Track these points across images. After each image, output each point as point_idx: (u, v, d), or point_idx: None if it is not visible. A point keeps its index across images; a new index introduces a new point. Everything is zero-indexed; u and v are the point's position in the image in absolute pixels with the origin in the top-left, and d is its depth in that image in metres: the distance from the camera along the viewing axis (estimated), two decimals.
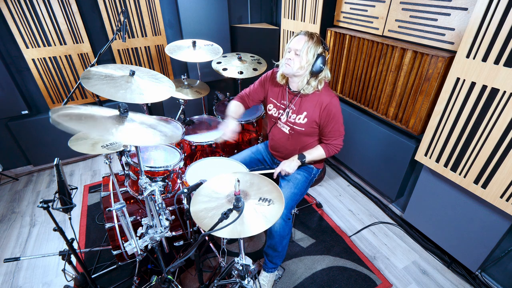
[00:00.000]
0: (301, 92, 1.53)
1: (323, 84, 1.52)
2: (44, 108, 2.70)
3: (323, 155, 1.61)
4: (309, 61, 1.43)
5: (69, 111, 1.04)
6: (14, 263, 1.94)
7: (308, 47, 1.41)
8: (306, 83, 1.48)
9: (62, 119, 0.94)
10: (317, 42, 1.43)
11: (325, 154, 1.61)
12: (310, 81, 1.48)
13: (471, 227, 1.67)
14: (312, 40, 1.42)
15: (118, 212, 1.35)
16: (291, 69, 1.46)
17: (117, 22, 2.56)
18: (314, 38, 1.43)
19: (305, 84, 1.49)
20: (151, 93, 1.41)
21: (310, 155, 1.61)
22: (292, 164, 1.60)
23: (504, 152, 1.38)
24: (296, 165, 1.61)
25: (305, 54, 1.42)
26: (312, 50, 1.42)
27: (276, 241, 1.59)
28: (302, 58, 1.43)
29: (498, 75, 1.32)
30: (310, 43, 1.41)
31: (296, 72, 1.46)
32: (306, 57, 1.42)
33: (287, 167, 1.59)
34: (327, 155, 1.61)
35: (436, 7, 1.62)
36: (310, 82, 1.48)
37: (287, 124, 1.63)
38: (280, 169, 1.61)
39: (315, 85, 1.49)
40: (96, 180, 2.70)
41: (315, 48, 1.42)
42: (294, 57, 1.44)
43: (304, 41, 1.42)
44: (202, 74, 2.79)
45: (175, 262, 1.04)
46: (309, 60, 1.43)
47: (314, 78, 1.48)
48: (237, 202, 1.03)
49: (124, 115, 1.15)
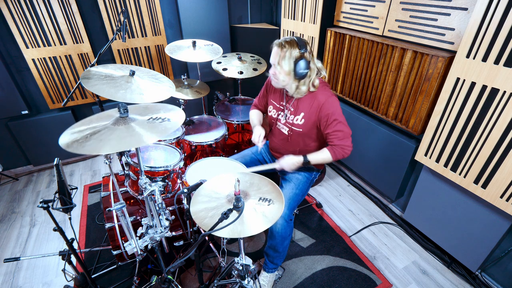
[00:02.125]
0: (294, 97, 1.53)
1: (318, 83, 1.50)
2: (44, 108, 2.70)
3: (329, 158, 1.52)
4: (288, 71, 1.42)
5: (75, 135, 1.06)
6: (14, 263, 1.94)
7: (281, 58, 1.41)
8: (296, 89, 1.49)
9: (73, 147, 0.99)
10: (290, 48, 1.39)
11: (331, 157, 1.51)
12: (299, 85, 1.47)
13: (471, 227, 1.67)
14: (283, 49, 1.40)
15: (118, 212, 1.35)
16: (277, 82, 1.50)
17: (117, 22, 2.56)
18: (286, 46, 1.39)
19: (294, 90, 1.49)
20: (151, 93, 1.41)
21: (315, 158, 1.55)
22: (292, 161, 1.56)
23: (504, 152, 1.38)
24: (296, 164, 1.57)
25: (281, 65, 1.42)
26: (287, 59, 1.40)
27: (277, 241, 1.58)
28: (280, 70, 1.43)
29: (498, 75, 1.32)
30: (283, 53, 1.40)
31: (282, 84, 1.49)
32: (283, 68, 1.42)
33: (286, 165, 1.57)
34: (334, 158, 1.51)
35: (436, 7, 1.62)
36: (299, 86, 1.47)
37: (286, 125, 1.63)
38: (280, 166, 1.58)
39: (305, 89, 1.48)
40: (96, 180, 2.70)
41: (290, 55, 1.39)
42: (275, 70, 1.45)
43: (277, 53, 1.42)
44: (202, 74, 2.79)
45: (175, 262, 1.04)
46: (287, 70, 1.42)
47: (302, 82, 1.46)
48: (237, 202, 1.03)
49: (124, 115, 1.15)
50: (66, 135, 1.06)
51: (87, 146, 0.99)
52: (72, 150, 0.97)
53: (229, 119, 2.32)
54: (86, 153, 0.97)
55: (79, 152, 0.96)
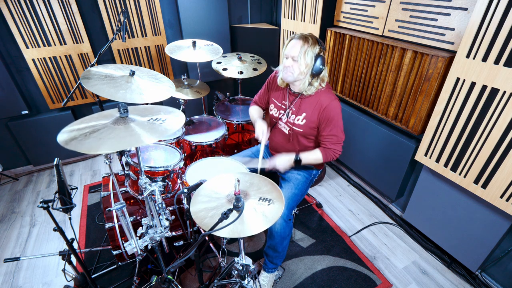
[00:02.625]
0: (303, 94, 1.52)
1: (325, 83, 1.51)
2: (44, 108, 2.70)
3: (320, 159, 1.56)
4: (308, 65, 1.42)
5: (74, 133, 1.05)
6: (14, 263, 1.94)
7: (305, 52, 1.40)
8: (308, 85, 1.48)
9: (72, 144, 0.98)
10: (313, 44, 1.40)
11: (322, 158, 1.55)
12: (312, 82, 1.47)
13: (471, 227, 1.67)
14: (307, 43, 1.39)
15: (118, 212, 1.35)
16: (292, 76, 1.46)
17: (117, 22, 2.56)
18: (310, 40, 1.40)
19: (307, 86, 1.48)
20: (151, 93, 1.41)
21: (306, 158, 1.57)
22: (286, 162, 1.57)
23: (504, 152, 1.38)
24: (289, 164, 1.58)
25: (303, 59, 1.40)
26: (310, 53, 1.40)
27: (276, 241, 1.59)
28: (301, 63, 1.41)
29: (498, 75, 1.32)
30: (306, 47, 1.39)
31: (297, 78, 1.47)
32: (304, 61, 1.41)
33: (279, 165, 1.57)
34: (325, 159, 1.56)
35: (436, 7, 1.62)
36: (313, 83, 1.47)
37: (287, 125, 1.63)
38: (273, 165, 1.58)
39: (317, 85, 1.48)
40: (96, 180, 2.70)
41: (312, 50, 1.40)
42: (292, 63, 1.43)
43: (300, 46, 1.40)
44: (202, 74, 2.79)
45: (175, 262, 1.04)
46: (308, 63, 1.41)
47: (316, 79, 1.47)
48: (237, 202, 1.03)
49: (124, 115, 1.15)
50: (65, 133, 1.05)
51: (86, 144, 0.99)
52: (70, 148, 0.96)
53: (229, 119, 2.32)
54: (85, 151, 0.96)
55: (77, 149, 0.96)
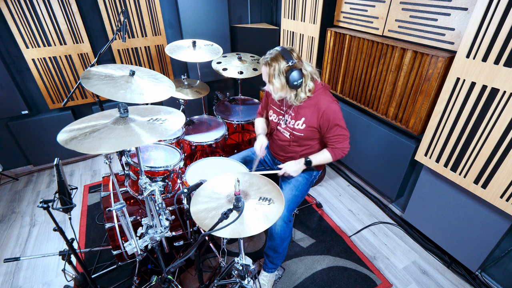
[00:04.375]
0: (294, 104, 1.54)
1: (313, 86, 1.51)
2: (44, 108, 2.70)
3: (330, 159, 1.59)
4: (282, 84, 1.44)
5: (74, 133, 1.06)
6: (14, 263, 1.94)
7: (272, 75, 1.43)
8: (295, 98, 1.49)
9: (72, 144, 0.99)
10: (276, 63, 1.39)
11: (331, 158, 1.58)
12: (298, 93, 1.48)
13: (471, 227, 1.67)
14: (270, 66, 1.41)
15: (118, 212, 1.35)
16: (276, 95, 1.52)
17: (117, 22, 2.56)
18: (272, 63, 1.40)
19: (294, 99, 1.50)
20: (151, 93, 1.41)
21: (316, 159, 1.59)
22: (297, 167, 1.59)
23: (504, 152, 1.38)
24: (301, 169, 1.61)
25: (274, 82, 1.44)
26: (277, 75, 1.41)
27: (276, 242, 1.59)
28: (275, 86, 1.45)
29: (498, 75, 1.32)
30: (272, 70, 1.42)
31: (281, 96, 1.51)
32: (275, 84, 1.44)
33: (291, 171, 1.59)
34: (334, 159, 1.58)
35: (436, 7, 1.62)
36: (298, 94, 1.48)
37: (287, 130, 1.63)
38: (284, 172, 1.60)
39: (304, 95, 1.49)
40: (96, 180, 2.70)
41: (279, 70, 1.40)
42: (270, 86, 1.48)
43: (266, 72, 1.45)
44: (202, 74, 2.79)
45: (175, 262, 1.04)
46: (281, 83, 1.43)
47: (300, 90, 1.47)
48: (237, 202, 1.03)
49: (124, 115, 1.15)
50: (65, 133, 1.05)
51: (86, 144, 0.99)
52: (70, 147, 0.97)
53: (229, 119, 2.32)
54: (85, 151, 0.96)
55: (77, 149, 0.96)
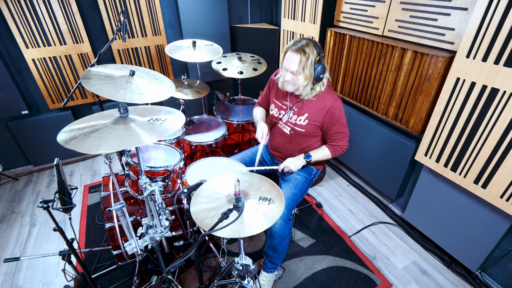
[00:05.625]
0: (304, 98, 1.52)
1: (326, 84, 1.51)
2: (44, 108, 2.70)
3: (329, 156, 1.62)
4: (308, 77, 1.41)
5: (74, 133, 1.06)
6: (14, 263, 1.94)
7: (304, 66, 1.37)
8: (311, 90, 1.48)
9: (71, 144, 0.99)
10: (311, 54, 1.36)
11: (330, 155, 1.62)
12: (314, 87, 1.47)
13: (471, 227, 1.67)
14: (305, 56, 1.35)
15: (118, 212, 1.35)
16: (293, 88, 1.47)
17: (117, 22, 2.56)
18: (307, 52, 1.35)
19: (309, 91, 1.48)
20: (151, 93, 1.41)
21: (316, 155, 1.61)
22: (297, 162, 1.60)
23: (504, 152, 1.38)
24: (301, 164, 1.62)
25: (302, 73, 1.39)
26: (309, 65, 1.37)
27: (276, 241, 1.59)
28: (301, 77, 1.41)
29: (498, 75, 1.32)
30: (305, 60, 1.36)
31: (300, 88, 1.47)
32: (304, 75, 1.40)
33: (291, 165, 1.60)
34: (333, 155, 1.62)
35: (436, 7, 1.62)
36: (315, 87, 1.47)
37: (288, 125, 1.63)
38: (284, 166, 1.60)
39: (319, 89, 1.48)
40: (96, 180, 2.70)
41: (311, 60, 1.37)
42: (292, 77, 1.42)
43: (298, 61, 1.37)
44: (202, 74, 2.79)
45: (175, 262, 1.04)
46: (308, 76, 1.40)
47: (317, 84, 1.47)
48: (237, 202, 1.03)
49: (124, 115, 1.15)
50: (64, 133, 1.05)
51: (86, 143, 0.99)
52: (70, 147, 0.97)
53: (229, 119, 2.32)
54: (85, 151, 0.96)
55: (77, 149, 0.96)
